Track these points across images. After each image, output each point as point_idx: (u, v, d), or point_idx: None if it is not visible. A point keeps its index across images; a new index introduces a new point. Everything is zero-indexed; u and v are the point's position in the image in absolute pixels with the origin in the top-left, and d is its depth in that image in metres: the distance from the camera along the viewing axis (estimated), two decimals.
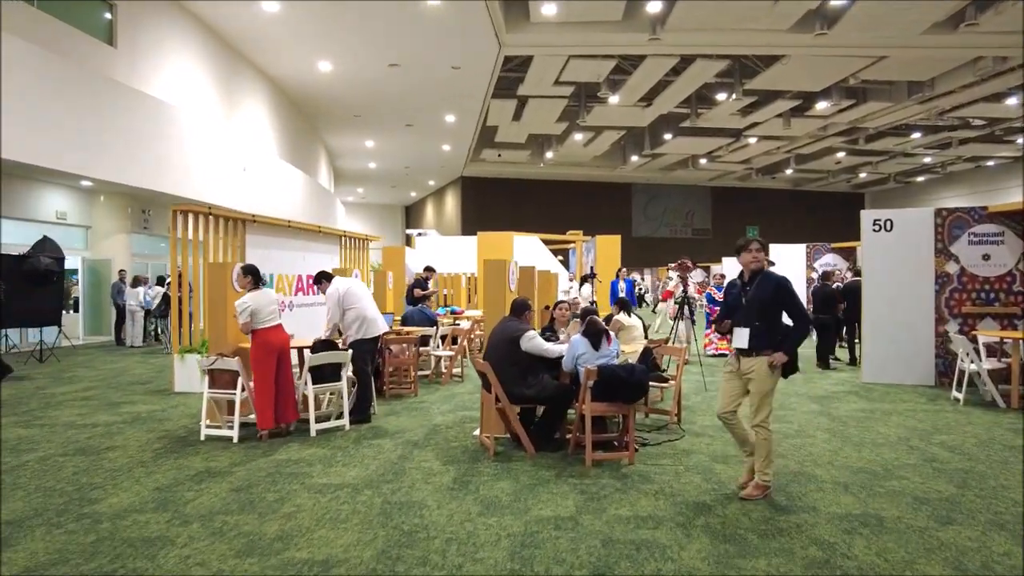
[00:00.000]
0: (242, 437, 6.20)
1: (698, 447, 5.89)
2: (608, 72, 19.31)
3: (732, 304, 4.74)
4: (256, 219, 9.71)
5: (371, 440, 6.15)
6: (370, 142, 25.55)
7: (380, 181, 33.36)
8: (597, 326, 5.61)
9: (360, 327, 6.74)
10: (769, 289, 4.50)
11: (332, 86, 19.90)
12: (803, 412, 7.34)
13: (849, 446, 5.91)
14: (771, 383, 4.50)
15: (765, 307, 4.50)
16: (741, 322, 4.59)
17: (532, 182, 32.88)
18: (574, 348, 5.58)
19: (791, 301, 4.54)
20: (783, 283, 4.52)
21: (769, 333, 4.47)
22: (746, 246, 4.62)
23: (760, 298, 4.51)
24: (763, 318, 4.49)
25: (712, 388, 8.82)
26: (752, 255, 4.58)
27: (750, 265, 4.61)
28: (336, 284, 6.82)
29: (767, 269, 4.71)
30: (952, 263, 8.85)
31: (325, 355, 6.38)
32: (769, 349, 4.45)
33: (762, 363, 4.46)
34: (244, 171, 16.98)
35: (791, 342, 4.50)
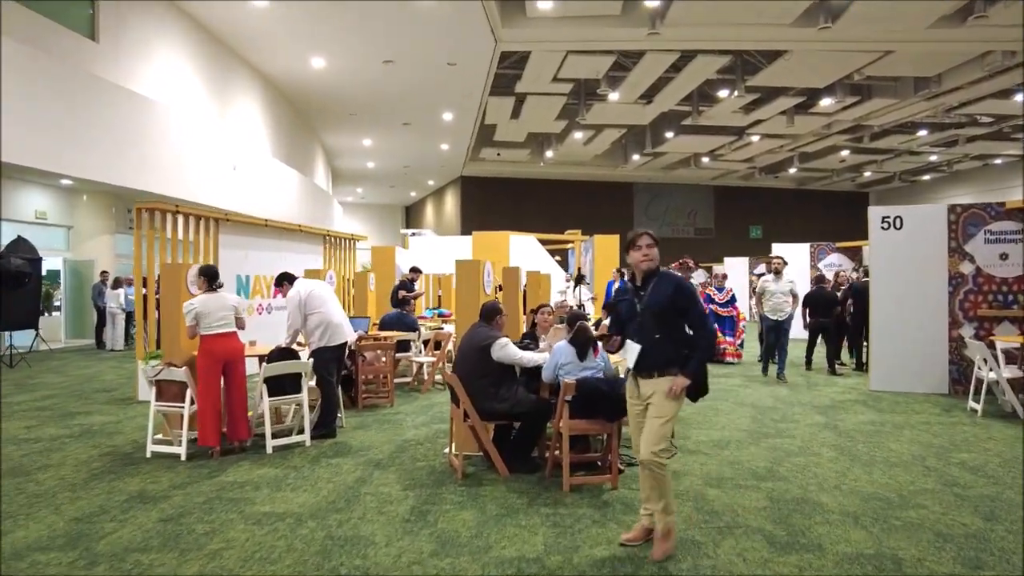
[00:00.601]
0: (192, 455, 5.60)
1: (691, 467, 5.25)
2: (607, 68, 18.63)
3: (625, 315, 3.84)
4: (229, 217, 9.13)
5: (330, 459, 5.54)
6: (367, 141, 24.96)
7: (379, 181, 32.76)
8: (586, 334, 4.98)
9: (324, 333, 6.12)
10: (667, 293, 3.64)
11: (326, 83, 19.30)
12: (807, 425, 6.68)
13: (858, 466, 5.26)
14: (673, 409, 3.66)
15: (664, 315, 3.64)
16: (635, 336, 3.74)
17: (532, 182, 32.22)
18: (556, 356, 4.96)
19: (692, 307, 3.69)
20: (683, 285, 3.71)
21: (672, 348, 3.65)
22: (634, 241, 3.74)
23: (658, 304, 3.64)
24: (663, 329, 3.65)
25: (710, 397, 8.15)
26: (642, 253, 3.70)
27: (641, 264, 3.72)
28: (298, 287, 6.21)
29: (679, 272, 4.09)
30: (967, 263, 8.17)
31: (282, 364, 5.78)
32: (674, 368, 3.63)
33: (664, 385, 3.63)
34: (234, 170, 16.40)
35: (695, 360, 3.66)
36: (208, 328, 5.61)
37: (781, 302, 9.38)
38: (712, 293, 11.45)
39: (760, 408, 7.48)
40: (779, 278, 9.53)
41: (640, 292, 3.74)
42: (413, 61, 17.56)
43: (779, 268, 9.60)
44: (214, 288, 5.82)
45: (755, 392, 8.50)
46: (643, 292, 3.72)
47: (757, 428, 6.53)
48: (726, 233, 34.70)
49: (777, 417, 7.01)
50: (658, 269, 3.76)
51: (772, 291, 9.49)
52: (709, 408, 7.46)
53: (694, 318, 3.70)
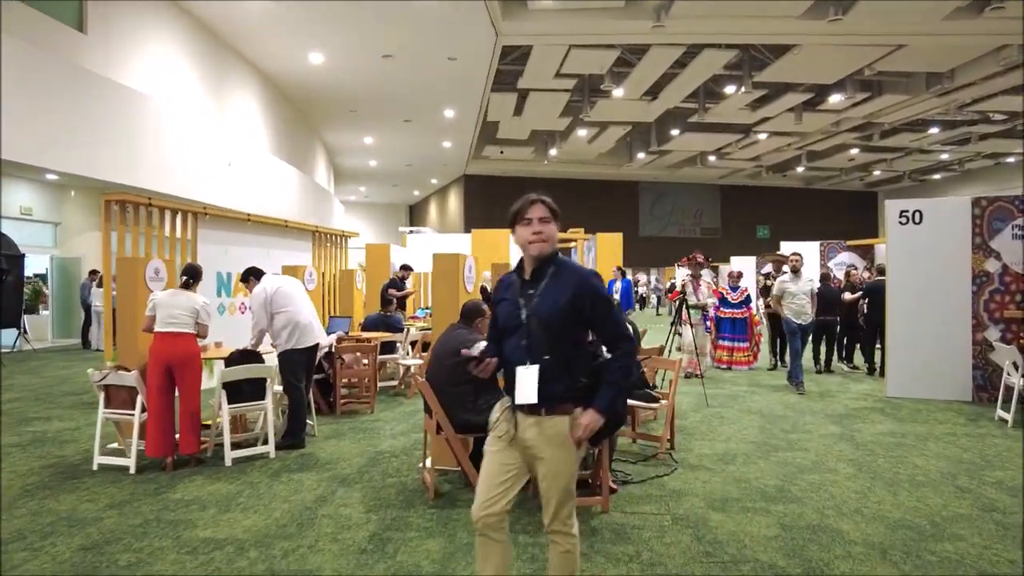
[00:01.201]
0: (145, 467, 5.04)
1: (692, 486, 4.63)
2: (611, 63, 18.01)
3: (504, 322, 2.58)
4: (208, 211, 8.58)
5: (293, 473, 4.96)
6: (369, 139, 24.40)
7: (382, 180, 32.20)
8: None
9: (291, 334, 5.54)
10: (566, 294, 2.42)
11: (325, 79, 18.76)
12: (821, 436, 6.04)
13: (881, 485, 4.63)
14: (574, 462, 2.51)
15: (563, 324, 2.44)
16: (516, 354, 2.50)
17: (536, 180, 31.57)
18: None
19: (605, 312, 2.48)
20: (590, 282, 2.48)
21: (569, 374, 2.45)
22: (522, 212, 2.53)
23: (551, 310, 2.43)
24: (557, 346, 2.44)
25: (715, 403, 7.54)
26: (532, 229, 2.47)
27: (530, 246, 2.48)
28: (264, 283, 5.63)
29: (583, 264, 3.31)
30: (993, 260, 7.51)
31: (241, 368, 5.20)
32: (570, 402, 2.45)
33: (558, 428, 2.45)
34: (229, 166, 15.88)
35: (611, 389, 2.47)
36: (159, 324, 5.06)
37: (804, 304, 8.34)
38: (725, 292, 10.44)
39: (769, 416, 6.85)
40: (798, 277, 8.50)
41: (529, 291, 2.51)
42: (413, 56, 17.01)
43: (797, 266, 8.55)
44: (187, 285, 5.28)
45: (763, 398, 7.87)
46: (532, 291, 2.49)
47: (766, 439, 5.90)
48: (733, 233, 33.99)
49: (788, 427, 6.38)
50: (556, 256, 2.53)
51: (793, 292, 8.41)
52: (714, 416, 6.84)
53: (608, 331, 2.51)
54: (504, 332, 2.58)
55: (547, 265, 2.51)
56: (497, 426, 2.64)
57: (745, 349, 10.28)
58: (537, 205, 2.53)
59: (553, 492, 2.50)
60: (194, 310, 5.21)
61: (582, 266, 2.62)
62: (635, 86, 19.75)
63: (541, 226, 2.48)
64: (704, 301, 9.39)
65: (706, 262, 9.54)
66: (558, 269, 2.50)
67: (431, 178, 32.04)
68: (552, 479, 2.49)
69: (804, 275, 8.63)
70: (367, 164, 28.23)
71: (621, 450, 5.48)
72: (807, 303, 8.34)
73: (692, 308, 8.98)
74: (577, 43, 16.80)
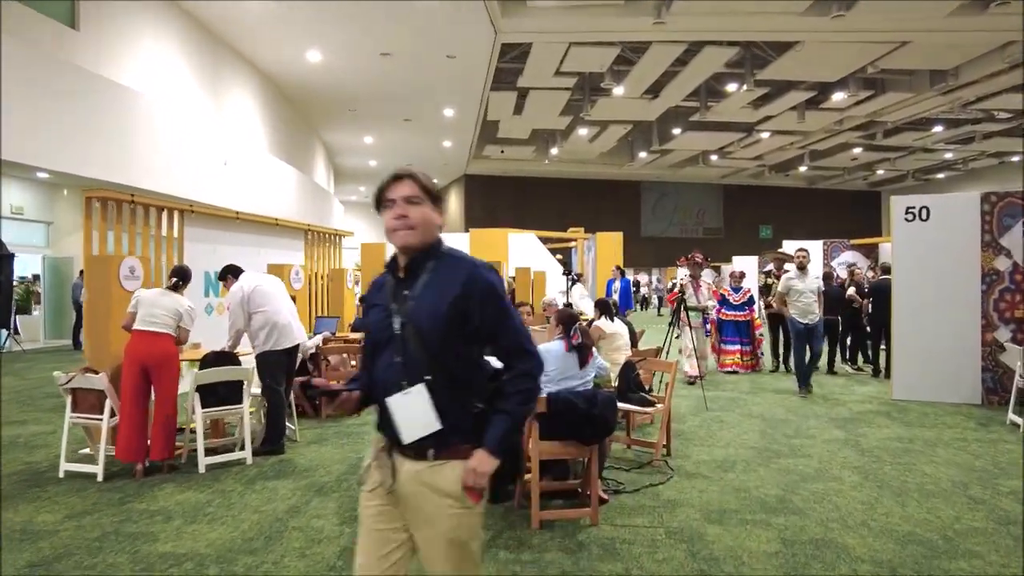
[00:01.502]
0: (114, 474, 4.79)
1: (688, 495, 4.35)
2: (611, 61, 17.74)
3: (378, 333, 1.95)
4: (194, 208, 8.32)
5: (268, 481, 4.69)
6: (368, 138, 24.16)
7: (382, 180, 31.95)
8: (589, 337, 4.11)
9: (269, 335, 5.27)
10: (451, 294, 1.85)
11: (324, 78, 18.53)
12: (824, 441, 5.75)
13: (888, 495, 4.34)
14: (476, 524, 1.91)
15: (445, 334, 1.84)
16: (388, 373, 1.89)
17: (537, 180, 31.31)
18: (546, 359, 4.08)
19: (498, 317, 1.89)
20: (482, 277, 1.89)
21: (460, 399, 1.86)
22: (384, 193, 1.96)
23: (431, 317, 1.84)
24: (441, 362, 1.85)
25: (715, 407, 7.25)
26: (394, 213, 1.90)
27: (395, 235, 1.90)
28: (241, 281, 5.37)
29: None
30: (1003, 258, 7.20)
31: (216, 371, 4.94)
32: (466, 441, 1.84)
33: (448, 477, 1.82)
34: (225, 165, 15.63)
35: (503, 421, 1.85)
36: (139, 322, 4.82)
37: (810, 303, 7.75)
38: (727, 293, 9.85)
39: (770, 420, 6.55)
40: (805, 275, 7.88)
41: (404, 291, 1.91)
42: (411, 54, 16.78)
43: (804, 262, 7.90)
44: (175, 287, 5.04)
45: (764, 401, 7.57)
46: (407, 291, 1.90)
47: (767, 445, 5.61)
48: (735, 233, 33.65)
49: (790, 431, 6.08)
50: (437, 247, 1.95)
51: (799, 290, 7.77)
52: (714, 420, 6.55)
53: (504, 342, 1.92)
54: (376, 348, 1.95)
55: (425, 259, 1.91)
56: (367, 476, 1.94)
57: (749, 352, 9.77)
58: (403, 182, 1.94)
59: (451, 560, 1.84)
60: (177, 313, 4.96)
61: (473, 258, 1.99)
62: (636, 84, 19.48)
63: (406, 208, 1.89)
64: (704, 303, 8.93)
65: (705, 262, 9.07)
66: (439, 263, 1.91)
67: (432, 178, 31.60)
68: (443, 540, 1.83)
69: (811, 272, 8.05)
70: (367, 164, 27.99)
71: (615, 457, 5.20)
72: (814, 302, 7.77)
73: (691, 310, 8.55)
74: (577, 40, 16.55)
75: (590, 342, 4.02)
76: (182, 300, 5.00)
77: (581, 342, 4.01)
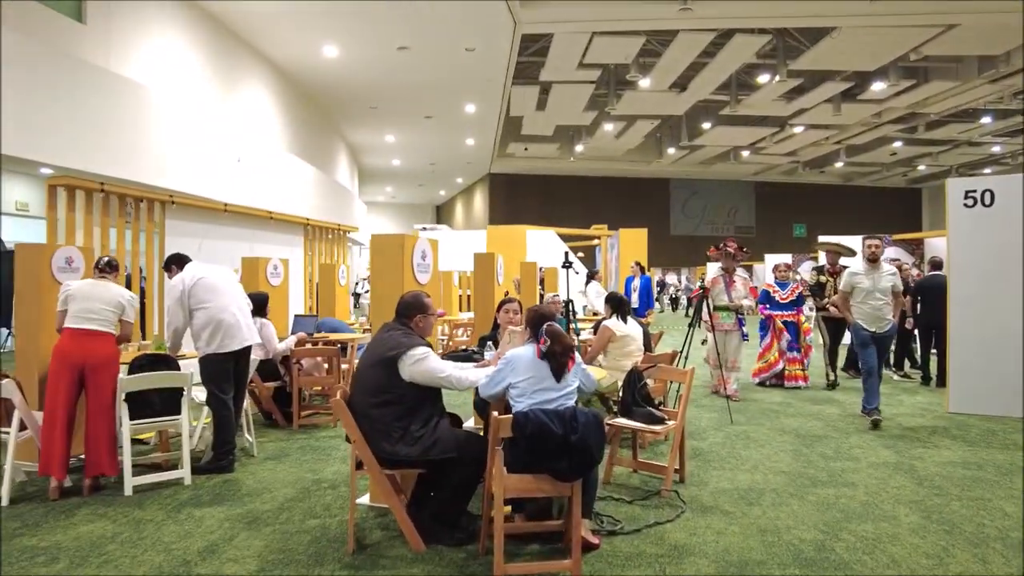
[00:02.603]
0: (25, 496, 4.05)
1: (701, 539, 3.40)
2: (636, 52, 16.75)
3: None
4: (175, 199, 7.64)
5: (199, 507, 3.88)
6: (391, 137, 23.50)
7: (407, 179, 31.31)
8: (563, 342, 3.20)
9: (212, 336, 4.47)
10: None
11: (341, 73, 17.91)
12: (871, 465, 4.73)
13: (961, 544, 3.33)
14: None
15: None
16: None
17: (563, 178, 30.32)
18: (510, 366, 3.19)
19: None
20: None
21: None
22: None
23: None
24: None
25: (741, 419, 6.26)
26: None
27: None
28: (184, 273, 4.59)
29: None
30: None
31: (145, 377, 4.16)
32: None
33: None
34: (239, 162, 15.06)
35: None
36: (72, 318, 4.08)
37: (881, 305, 5.91)
38: (772, 290, 8.09)
39: (806, 437, 5.54)
40: (875, 269, 5.99)
41: None
42: (429, 47, 16.05)
43: (877, 254, 6.01)
44: (105, 274, 4.31)
45: (799, 413, 6.54)
46: None
47: (802, 469, 4.62)
48: (768, 231, 32.17)
49: (829, 451, 5.07)
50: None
51: (866, 289, 5.91)
52: (739, 437, 5.56)
53: None
54: None
55: None
56: None
57: (798, 361, 7.93)
58: None
59: None
60: (119, 305, 4.23)
61: None
62: (662, 76, 18.46)
63: None
64: (739, 302, 7.37)
65: (740, 252, 7.59)
66: None
67: (456, 177, 31.05)
68: None
69: (884, 268, 6.06)
70: (391, 163, 27.38)
71: (617, 483, 4.28)
72: (885, 304, 5.93)
73: (721, 310, 7.29)
74: (600, 30, 15.63)
75: (563, 347, 3.12)
76: (122, 290, 4.26)
77: (550, 347, 3.10)
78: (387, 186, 32.53)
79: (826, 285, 8.13)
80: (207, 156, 13.68)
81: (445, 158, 26.62)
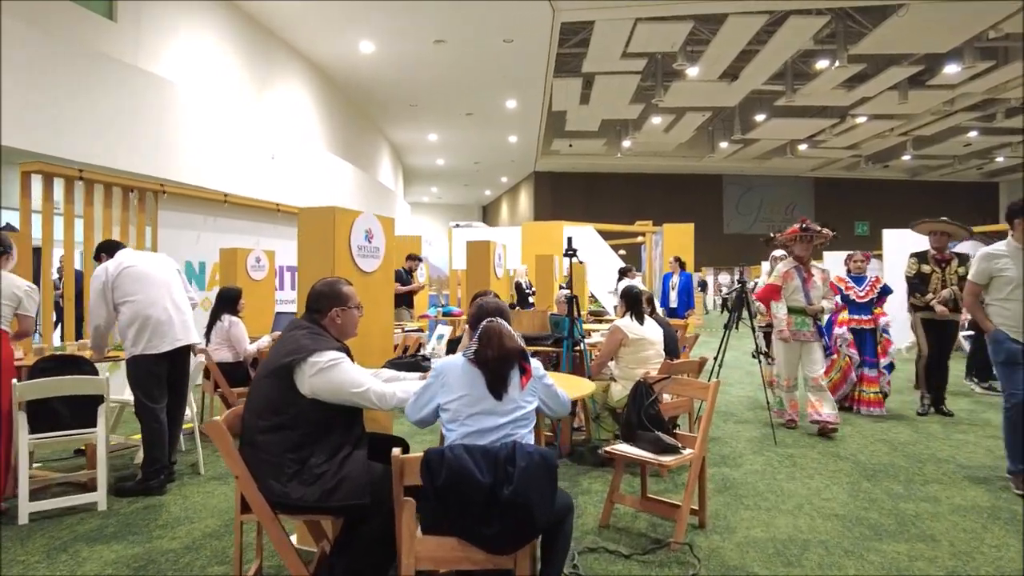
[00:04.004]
0: None
1: None
2: (683, 39, 15.56)
3: None
4: (167, 188, 7.04)
5: (91, 544, 3.10)
6: (433, 135, 22.91)
7: (452, 179, 30.71)
8: (501, 345, 2.28)
9: (139, 334, 3.71)
10: None
11: (378, 70, 17.37)
12: (956, 510, 3.56)
13: None
14: None
15: None
16: None
17: (610, 176, 29.10)
18: (439, 380, 2.30)
19: None
20: None
21: None
22: None
23: None
24: None
25: (787, 440, 5.15)
26: None
27: None
28: (109, 262, 3.85)
29: None
30: None
31: (50, 382, 3.43)
32: None
33: None
34: (272, 159, 14.65)
35: None
36: None
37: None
38: (845, 286, 6.21)
39: (866, 467, 4.40)
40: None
41: None
42: (466, 40, 15.32)
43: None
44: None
45: (858, 433, 5.38)
46: None
47: (861, 512, 3.53)
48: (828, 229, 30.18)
49: (898, 487, 3.95)
50: None
51: (1014, 279, 3.94)
52: (782, 462, 4.48)
53: None
54: None
55: None
56: None
57: (877, 380, 6.03)
58: None
59: None
60: (14, 296, 3.52)
61: None
62: (712, 65, 17.19)
63: None
64: (819, 304, 5.41)
65: (823, 233, 5.58)
66: None
67: (501, 176, 30.27)
68: None
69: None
70: (435, 163, 26.84)
71: (618, 527, 3.31)
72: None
73: (797, 314, 5.40)
74: (643, 16, 14.55)
75: (499, 353, 2.19)
76: (14, 278, 3.55)
77: (480, 352, 2.18)
78: (432, 187, 32.06)
79: (930, 277, 6.07)
80: (238, 152, 13.27)
81: (489, 156, 25.90)
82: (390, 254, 3.42)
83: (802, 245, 5.56)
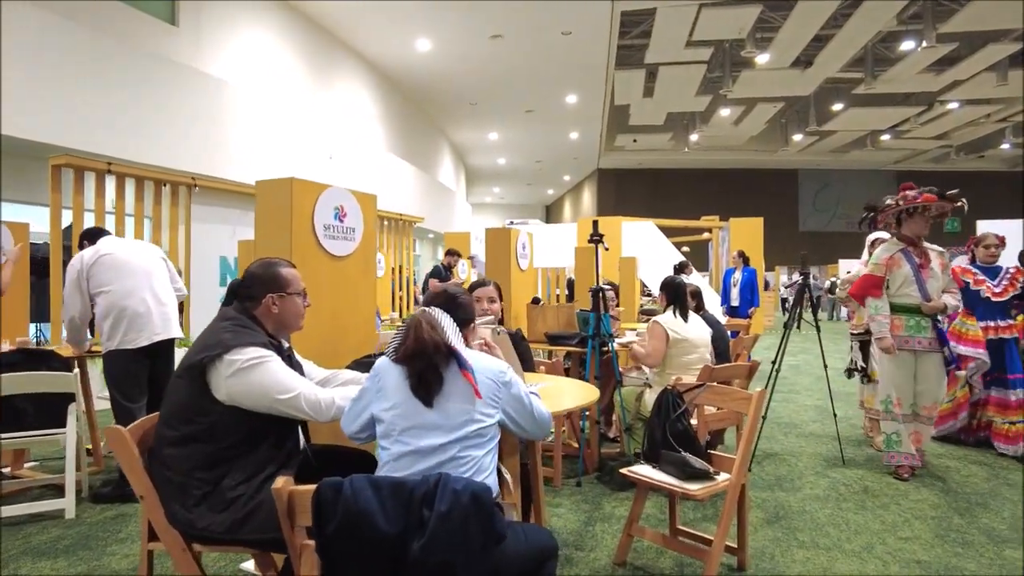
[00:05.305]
0: None
1: None
2: (751, 24, 14.55)
3: None
4: (198, 182, 6.87)
5: (38, 559, 2.74)
6: (493, 134, 22.57)
7: (514, 179, 30.30)
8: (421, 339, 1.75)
9: (115, 328, 3.37)
10: None
11: (436, 68, 17.15)
12: None
13: None
14: None
15: None
16: None
17: (677, 172, 27.92)
18: (375, 388, 1.80)
19: None
20: None
21: None
22: None
23: None
24: None
25: (857, 459, 4.35)
26: None
27: None
28: (86, 250, 3.53)
29: None
30: None
31: (13, 378, 3.12)
32: None
33: None
34: (331, 159, 14.63)
35: None
36: None
37: None
38: (973, 280, 4.72)
39: (956, 495, 3.57)
40: None
41: None
42: (523, 34, 14.87)
43: None
44: None
45: (950, 454, 4.49)
46: None
47: (951, 558, 2.77)
48: None
49: (1000, 524, 3.13)
50: None
51: None
52: (849, 487, 3.71)
53: None
54: None
55: None
56: None
57: (1017, 407, 4.38)
58: None
59: None
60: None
61: None
62: (783, 51, 16.04)
63: None
64: (939, 300, 3.96)
65: (944, 201, 4.07)
66: None
67: (563, 175, 29.63)
68: None
69: None
70: (496, 163, 26.53)
71: (636, 564, 2.70)
72: None
73: (910, 314, 3.97)
74: (708, 1, 13.70)
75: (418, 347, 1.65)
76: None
77: (400, 349, 1.65)
78: (495, 187, 31.79)
79: None
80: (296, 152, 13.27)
81: (550, 155, 25.34)
82: (370, 237, 2.94)
83: (922, 220, 4.10)
